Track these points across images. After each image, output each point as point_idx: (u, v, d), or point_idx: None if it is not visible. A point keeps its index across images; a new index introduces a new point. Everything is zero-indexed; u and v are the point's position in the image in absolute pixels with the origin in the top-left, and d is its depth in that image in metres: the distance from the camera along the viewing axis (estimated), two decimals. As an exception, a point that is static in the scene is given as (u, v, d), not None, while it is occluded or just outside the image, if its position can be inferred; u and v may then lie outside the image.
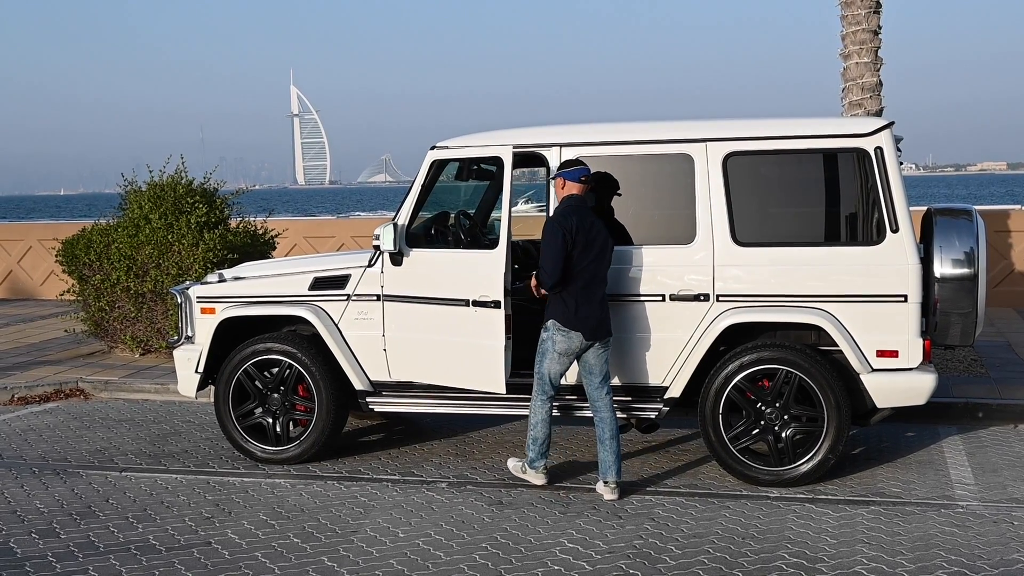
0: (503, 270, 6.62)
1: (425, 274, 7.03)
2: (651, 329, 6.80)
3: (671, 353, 6.78)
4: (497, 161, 6.76)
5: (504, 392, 6.74)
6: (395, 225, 7.01)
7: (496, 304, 6.61)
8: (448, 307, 6.84)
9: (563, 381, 6.68)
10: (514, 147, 6.78)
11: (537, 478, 6.75)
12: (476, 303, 6.68)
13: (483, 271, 6.70)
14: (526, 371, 6.80)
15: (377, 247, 7.04)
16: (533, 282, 6.59)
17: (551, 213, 6.73)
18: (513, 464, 6.89)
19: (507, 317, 6.62)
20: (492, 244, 6.80)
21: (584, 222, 6.38)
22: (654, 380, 6.86)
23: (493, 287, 6.63)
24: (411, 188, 7.16)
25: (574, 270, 6.37)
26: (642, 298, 6.79)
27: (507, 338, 6.65)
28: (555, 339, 6.45)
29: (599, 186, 6.83)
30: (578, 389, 6.89)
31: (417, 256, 7.08)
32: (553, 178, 6.75)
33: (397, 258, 7.12)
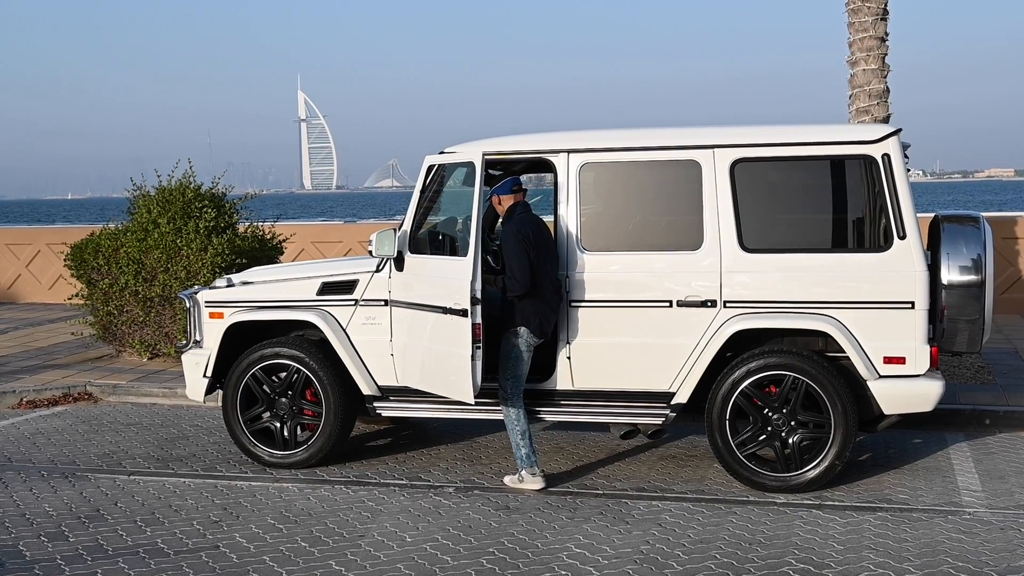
0: (470, 278, 6.51)
1: (418, 280, 7.04)
2: (658, 335, 6.80)
3: (678, 359, 6.79)
4: (470, 167, 6.76)
5: (472, 402, 6.71)
6: (394, 231, 7.03)
7: (463, 313, 6.54)
8: (432, 314, 6.82)
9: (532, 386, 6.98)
10: (485, 153, 6.75)
11: (535, 482, 6.79)
12: (449, 311, 6.65)
13: (453, 278, 6.64)
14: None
15: (371, 252, 7.07)
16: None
17: (500, 224, 6.98)
18: (510, 479, 6.94)
19: (474, 326, 6.51)
20: (465, 252, 6.69)
21: (540, 228, 6.78)
22: (661, 386, 6.87)
23: (461, 295, 6.55)
24: (413, 194, 7.19)
25: (539, 276, 6.67)
26: (649, 304, 6.81)
27: (475, 347, 6.53)
28: (528, 342, 6.73)
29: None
30: (543, 393, 7.03)
31: (413, 262, 7.09)
32: (488, 197, 7.13)
33: (400, 264, 7.14)
